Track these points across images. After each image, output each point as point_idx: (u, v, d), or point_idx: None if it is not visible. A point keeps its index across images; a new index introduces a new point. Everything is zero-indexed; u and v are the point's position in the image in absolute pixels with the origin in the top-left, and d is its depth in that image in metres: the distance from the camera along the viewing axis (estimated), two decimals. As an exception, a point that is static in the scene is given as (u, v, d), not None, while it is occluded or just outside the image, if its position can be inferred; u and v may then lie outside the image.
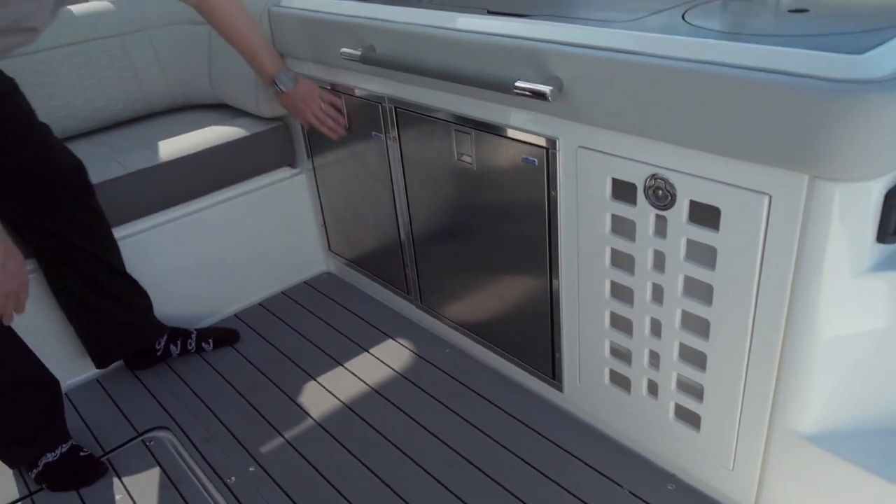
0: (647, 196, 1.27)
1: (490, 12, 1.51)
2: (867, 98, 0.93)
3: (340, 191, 2.19)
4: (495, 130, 1.53)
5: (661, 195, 1.25)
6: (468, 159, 1.63)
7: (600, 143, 1.32)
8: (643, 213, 1.30)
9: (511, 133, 1.49)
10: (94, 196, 1.84)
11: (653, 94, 1.16)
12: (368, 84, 1.84)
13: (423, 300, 2.05)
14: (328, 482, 1.61)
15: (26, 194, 1.71)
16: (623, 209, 1.33)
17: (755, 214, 1.12)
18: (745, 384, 1.27)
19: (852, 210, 1.05)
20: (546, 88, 1.27)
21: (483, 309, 1.83)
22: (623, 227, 1.36)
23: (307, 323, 2.20)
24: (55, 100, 2.22)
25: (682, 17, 1.28)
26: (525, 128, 1.46)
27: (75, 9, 2.31)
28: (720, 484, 1.43)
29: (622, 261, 1.40)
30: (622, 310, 1.44)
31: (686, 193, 1.21)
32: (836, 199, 1.04)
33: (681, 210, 1.23)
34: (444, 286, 1.93)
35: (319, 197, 2.31)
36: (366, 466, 1.64)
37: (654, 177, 1.25)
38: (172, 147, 2.09)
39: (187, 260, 2.15)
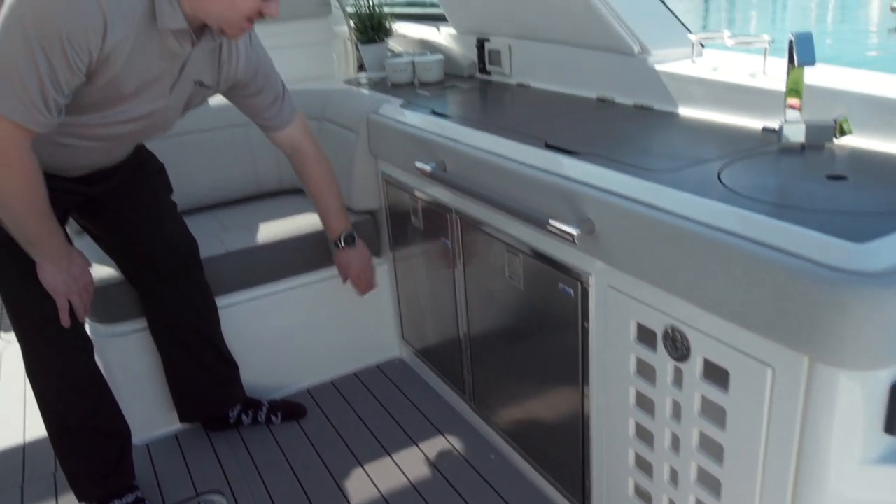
0: (665, 346, 1.28)
1: (547, 145, 1.59)
2: (861, 291, 0.91)
3: (415, 285, 2.31)
4: (539, 257, 1.59)
5: (678, 347, 1.25)
6: (516, 279, 1.69)
7: (627, 287, 1.35)
8: (662, 361, 1.30)
9: (552, 262, 1.55)
10: (201, 272, 2.07)
11: (670, 251, 1.19)
12: (441, 193, 1.96)
13: (476, 402, 2.10)
14: (349, 574, 1.67)
15: (144, 259, 1.97)
16: (645, 354, 1.34)
17: (759, 384, 1.10)
18: (753, 555, 1.21)
19: (856, 398, 1.01)
20: (574, 231, 1.33)
21: (526, 421, 1.85)
22: (647, 370, 1.36)
23: (369, 408, 2.30)
24: (183, 177, 2.52)
25: (718, 175, 1.29)
26: (563, 260, 1.51)
27: (212, 101, 2.64)
28: None
29: (646, 402, 1.39)
30: (644, 452, 1.42)
31: (699, 350, 1.21)
32: (838, 385, 1.00)
33: (695, 365, 1.22)
34: (495, 391, 1.98)
35: (397, 287, 2.45)
36: None
37: (672, 328, 1.25)
38: (272, 230, 2.31)
39: (271, 334, 2.34)
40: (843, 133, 1.38)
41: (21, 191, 1.51)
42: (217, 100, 2.63)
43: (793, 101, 1.40)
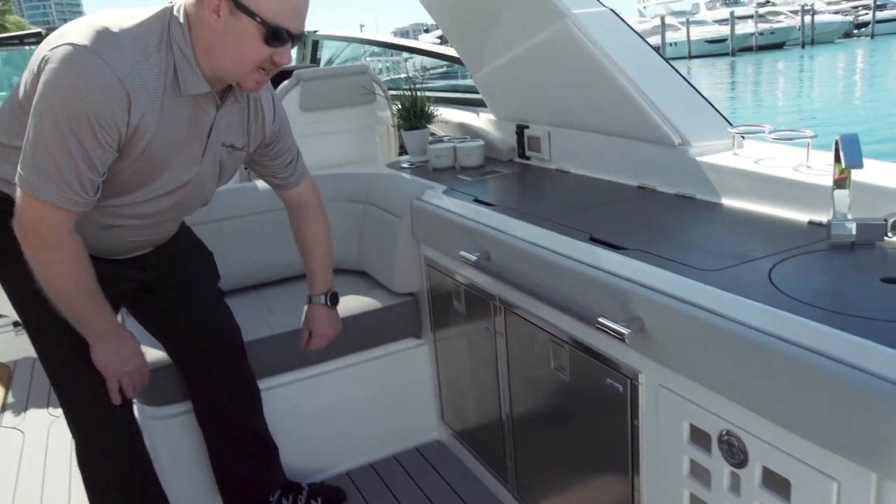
0: (720, 450, 1.25)
1: (592, 238, 1.61)
2: (929, 409, 0.90)
3: (456, 367, 2.30)
4: (586, 350, 1.58)
5: (735, 452, 1.23)
6: (562, 371, 1.68)
7: (678, 387, 1.33)
8: (718, 466, 1.27)
9: (599, 357, 1.54)
10: (244, 359, 2.09)
11: (723, 354, 1.18)
12: (484, 280, 1.98)
13: (518, 491, 2.06)
14: None
15: (188, 346, 1.99)
16: (700, 456, 1.31)
17: (824, 498, 1.07)
18: None
19: (928, 516, 0.97)
20: (625, 330, 1.33)
21: (573, 516, 1.81)
22: (702, 472, 1.33)
23: (409, 494, 2.27)
24: (229, 259, 2.58)
25: (769, 275, 1.29)
26: (611, 355, 1.50)
27: (259, 184, 2.73)
28: None
29: (701, 506, 1.35)
30: (700, 558, 1.37)
31: (758, 457, 1.18)
32: (907, 501, 0.97)
33: (753, 472, 1.20)
34: (539, 482, 1.94)
35: (438, 368, 2.44)
36: None
37: (727, 432, 1.23)
38: None
39: (311, 416, 2.34)
40: (893, 234, 1.37)
41: (66, 272, 1.53)
42: (262, 184, 2.72)
43: (841, 200, 1.40)
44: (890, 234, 1.38)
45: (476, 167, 2.60)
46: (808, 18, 43.12)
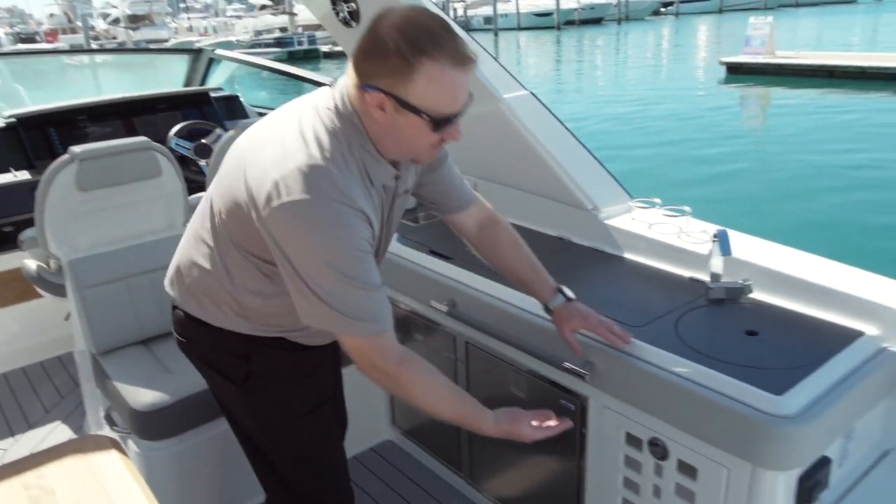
0: (650, 450, 1.89)
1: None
2: (782, 428, 1.56)
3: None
4: (543, 379, 2.16)
5: (659, 451, 1.86)
6: (520, 390, 2.25)
7: (619, 408, 1.95)
8: (646, 459, 1.90)
9: (555, 384, 2.12)
10: None
11: (652, 388, 1.80)
12: (450, 322, 2.48)
13: (472, 478, 2.62)
14: None
15: None
16: (633, 452, 1.94)
17: (718, 478, 1.73)
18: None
19: (779, 486, 1.66)
20: (585, 372, 1.91)
21: (522, 491, 2.40)
22: (634, 463, 1.96)
23: (374, 486, 2.76)
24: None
25: (676, 329, 1.93)
26: (565, 385, 2.09)
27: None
28: None
29: (633, 485, 1.99)
30: (630, 520, 2.02)
31: (675, 453, 1.83)
32: (769, 478, 1.64)
33: (672, 462, 1.84)
34: (492, 469, 2.51)
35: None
36: None
37: (654, 438, 1.87)
38: None
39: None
40: (748, 293, 2.07)
41: (421, 390, 1.63)
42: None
43: (716, 270, 2.08)
44: (745, 294, 2.07)
45: (410, 210, 3.06)
46: (623, -4, 46.64)
